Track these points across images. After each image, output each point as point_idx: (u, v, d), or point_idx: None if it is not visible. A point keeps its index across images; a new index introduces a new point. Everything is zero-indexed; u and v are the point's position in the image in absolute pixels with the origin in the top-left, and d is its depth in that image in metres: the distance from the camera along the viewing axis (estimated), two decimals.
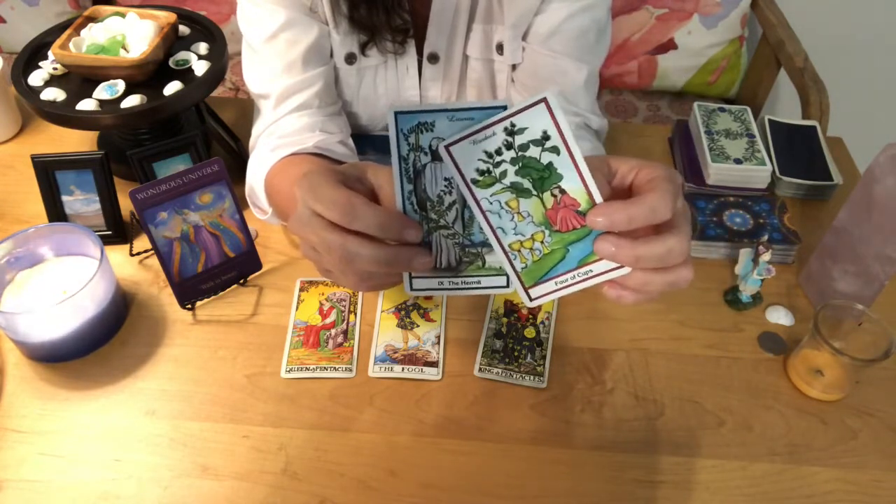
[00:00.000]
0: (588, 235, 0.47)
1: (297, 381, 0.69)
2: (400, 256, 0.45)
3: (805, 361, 0.71)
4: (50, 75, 0.83)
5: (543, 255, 0.48)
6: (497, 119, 0.44)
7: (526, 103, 0.43)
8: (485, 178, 0.47)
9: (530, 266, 0.49)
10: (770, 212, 0.85)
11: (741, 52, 1.59)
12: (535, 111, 0.43)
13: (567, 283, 0.49)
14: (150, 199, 0.69)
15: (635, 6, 1.54)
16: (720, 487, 0.63)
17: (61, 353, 0.69)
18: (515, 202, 0.47)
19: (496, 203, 0.47)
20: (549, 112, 0.43)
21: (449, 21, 0.80)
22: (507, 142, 0.45)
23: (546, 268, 0.49)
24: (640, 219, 0.43)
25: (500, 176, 0.46)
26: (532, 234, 0.48)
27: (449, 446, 0.65)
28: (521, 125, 0.44)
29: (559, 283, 0.49)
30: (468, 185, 0.47)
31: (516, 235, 0.48)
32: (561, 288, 0.49)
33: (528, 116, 0.44)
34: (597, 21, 0.78)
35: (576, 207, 0.46)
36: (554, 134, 0.44)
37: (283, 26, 0.75)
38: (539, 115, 0.44)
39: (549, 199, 0.47)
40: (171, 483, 0.62)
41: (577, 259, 0.48)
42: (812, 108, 1.34)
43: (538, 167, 0.45)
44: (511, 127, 0.44)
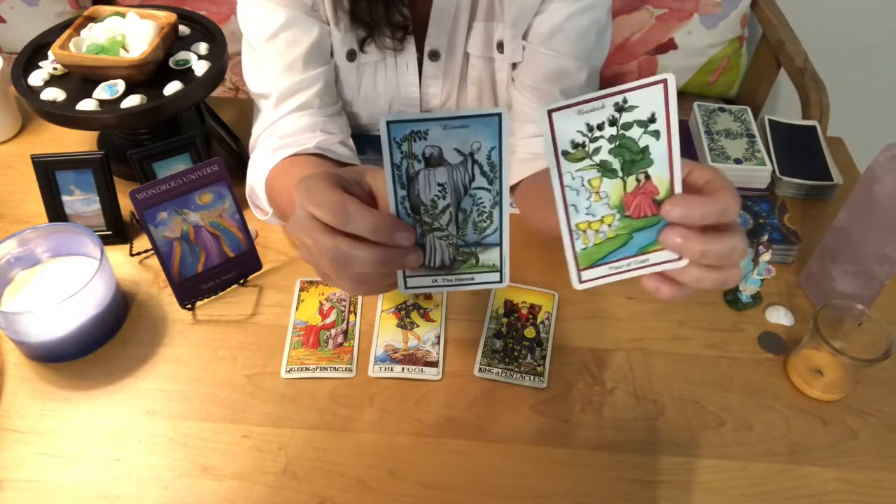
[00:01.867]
0: (655, 225, 0.47)
1: (297, 381, 0.69)
2: (392, 256, 0.46)
3: (805, 361, 0.71)
4: (50, 75, 0.83)
5: (607, 239, 0.48)
6: (611, 91, 0.43)
7: (645, 81, 0.42)
8: (577, 151, 0.45)
9: (590, 248, 0.48)
10: (770, 212, 0.85)
11: (741, 52, 1.59)
12: (652, 91, 0.43)
13: (621, 270, 0.49)
14: (150, 199, 0.69)
15: (635, 6, 1.54)
16: (720, 487, 0.63)
17: (61, 353, 0.69)
18: (598, 181, 0.46)
19: (578, 179, 0.46)
20: (665, 95, 0.43)
21: (450, 18, 0.80)
22: (612, 117, 0.44)
23: (605, 251, 0.48)
24: (712, 216, 0.44)
25: (592, 152, 0.45)
26: (602, 215, 0.47)
27: (449, 446, 0.65)
28: (633, 102, 0.43)
29: (614, 268, 0.49)
30: (557, 156, 0.45)
31: (587, 215, 0.47)
32: (614, 273, 0.49)
33: (642, 94, 0.43)
34: (597, 21, 0.78)
35: (654, 195, 0.46)
36: (661, 118, 0.43)
37: (284, 26, 0.75)
38: (653, 96, 0.43)
39: (632, 182, 0.46)
40: (171, 483, 0.62)
41: (639, 246, 0.48)
42: (812, 108, 1.34)
43: (633, 149, 0.45)
44: (622, 103, 0.43)
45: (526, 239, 0.81)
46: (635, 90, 0.43)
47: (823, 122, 1.33)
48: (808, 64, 1.42)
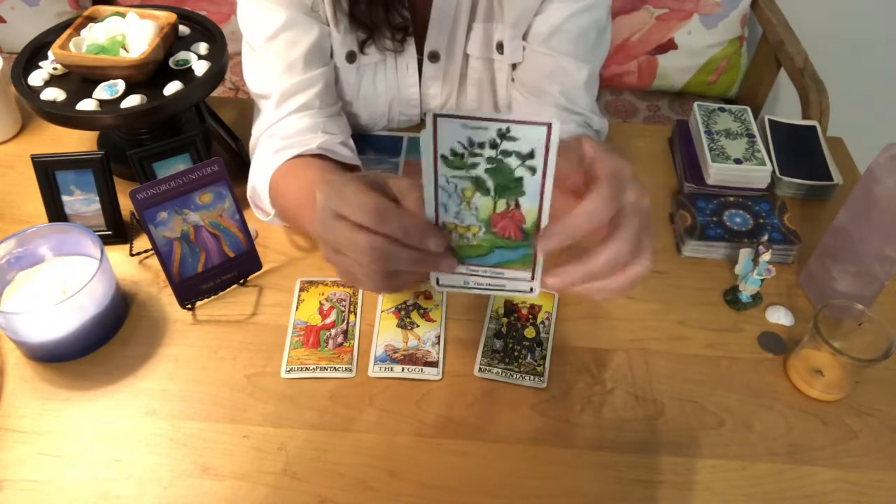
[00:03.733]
0: (516, 248, 0.49)
1: (297, 381, 0.69)
2: (429, 258, 0.47)
3: (805, 361, 0.71)
4: (50, 75, 0.83)
5: (469, 245, 0.50)
6: (497, 118, 0.45)
7: (532, 119, 0.44)
8: (455, 160, 0.47)
9: (453, 248, 0.51)
10: (770, 212, 0.85)
11: (741, 52, 1.59)
12: (535, 130, 0.44)
13: (476, 274, 0.51)
14: (150, 199, 0.69)
15: (635, 6, 1.54)
16: (720, 487, 0.63)
17: (61, 353, 0.69)
18: (471, 192, 0.48)
19: (452, 185, 0.48)
20: (547, 139, 0.44)
21: (450, 20, 0.80)
22: (493, 141, 0.45)
23: (465, 255, 0.50)
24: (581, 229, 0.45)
25: (469, 165, 0.47)
26: (469, 224, 0.49)
27: (449, 446, 0.65)
28: (515, 134, 0.45)
29: (471, 270, 0.51)
30: (435, 158, 0.47)
31: (455, 219, 0.49)
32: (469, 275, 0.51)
33: (526, 130, 0.44)
34: (597, 21, 0.78)
35: (520, 224, 0.48)
36: (539, 157, 0.45)
37: (284, 26, 0.75)
38: (536, 135, 0.44)
39: (501, 205, 0.48)
40: (171, 483, 0.62)
41: (496, 261, 0.50)
42: (812, 108, 1.34)
43: (509, 176, 0.46)
44: (505, 131, 0.45)
45: None
46: (520, 124, 0.44)
47: (823, 122, 1.33)
48: (808, 64, 1.42)
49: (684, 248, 0.83)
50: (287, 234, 0.83)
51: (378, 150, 0.94)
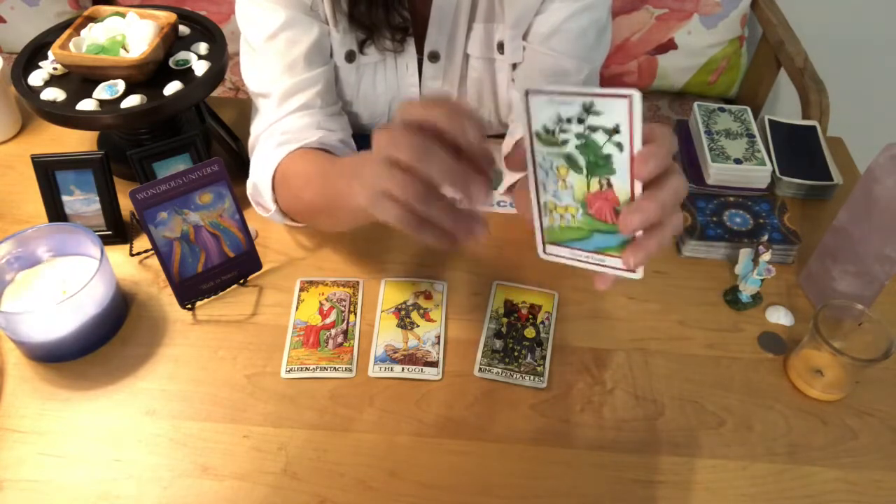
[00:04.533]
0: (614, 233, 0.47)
1: (297, 381, 0.69)
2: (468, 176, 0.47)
3: (805, 361, 0.71)
4: (50, 75, 0.83)
5: (570, 227, 0.49)
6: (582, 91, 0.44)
7: (613, 91, 0.43)
8: (548, 136, 0.47)
9: (555, 228, 0.50)
10: (770, 212, 0.85)
11: (741, 52, 1.59)
12: (617, 103, 0.43)
13: (580, 259, 0.50)
14: (150, 199, 0.69)
15: (635, 6, 1.54)
16: (720, 487, 0.63)
17: (61, 353, 0.69)
18: (565, 170, 0.47)
19: (549, 161, 0.48)
20: (630, 111, 0.43)
21: (450, 20, 0.80)
22: (580, 116, 0.45)
23: (568, 237, 0.50)
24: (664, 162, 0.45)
25: (561, 142, 0.46)
26: (567, 204, 0.48)
27: (449, 446, 0.65)
28: (599, 108, 0.44)
29: (574, 254, 0.50)
30: (531, 134, 0.47)
31: (554, 197, 0.49)
32: (574, 259, 0.51)
33: (608, 103, 0.43)
34: (597, 21, 0.78)
35: (615, 204, 0.46)
36: (625, 131, 0.43)
37: (284, 26, 0.75)
38: (618, 109, 0.43)
39: (595, 184, 0.47)
40: (171, 483, 0.62)
41: (597, 246, 0.49)
42: (812, 108, 1.34)
43: (598, 153, 0.45)
44: (590, 105, 0.44)
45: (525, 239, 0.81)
46: (602, 97, 0.44)
47: (823, 122, 1.33)
48: (808, 64, 1.42)
49: (684, 248, 0.83)
50: (288, 233, 0.83)
51: None
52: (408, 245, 0.82)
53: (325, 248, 0.82)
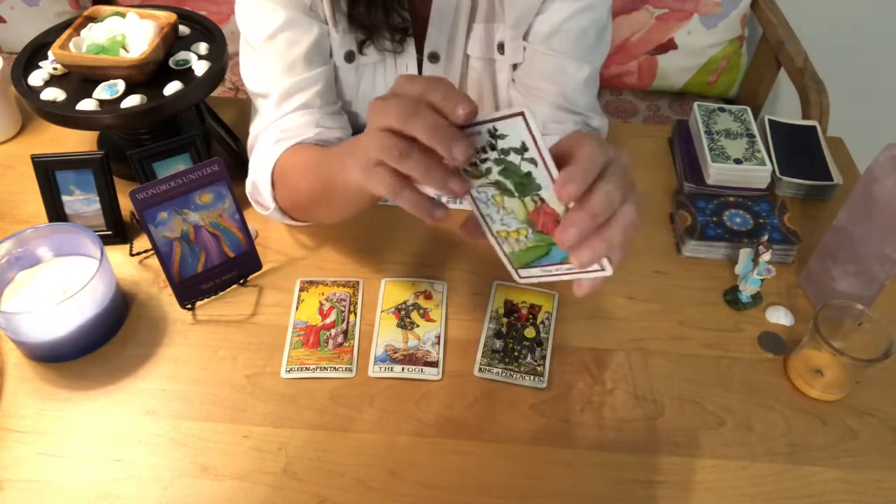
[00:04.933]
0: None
1: (297, 381, 0.69)
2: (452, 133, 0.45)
3: (805, 361, 0.71)
4: (50, 75, 0.83)
5: (528, 248, 0.50)
6: (482, 119, 0.44)
7: (504, 112, 0.43)
8: (473, 169, 0.48)
9: (517, 252, 0.51)
10: (770, 212, 0.85)
11: (741, 52, 1.59)
12: (513, 122, 0.43)
13: (553, 273, 0.51)
14: (150, 199, 0.69)
15: (635, 6, 1.54)
16: (720, 487, 0.63)
17: (61, 353, 0.69)
18: (500, 197, 0.48)
19: (484, 194, 0.48)
20: (526, 126, 0.43)
21: (450, 20, 0.80)
22: (490, 143, 0.45)
23: (532, 257, 0.50)
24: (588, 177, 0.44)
25: (485, 171, 0.47)
26: (517, 228, 0.49)
27: (449, 446, 0.65)
28: (502, 131, 0.44)
29: (546, 271, 0.51)
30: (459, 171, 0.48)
31: (503, 225, 0.49)
32: (547, 275, 0.51)
33: (507, 125, 0.44)
34: (597, 21, 0.78)
35: (555, 217, 0.47)
36: (531, 147, 0.44)
37: (283, 26, 0.74)
38: (516, 127, 0.43)
39: (529, 203, 0.47)
40: (171, 483, 0.62)
41: (561, 257, 0.49)
42: (812, 108, 1.34)
43: (518, 173, 0.46)
44: (493, 130, 0.44)
45: None
46: (499, 120, 0.44)
47: (823, 122, 1.33)
48: (808, 64, 1.42)
49: (684, 248, 0.83)
50: (288, 233, 0.83)
51: None
52: (408, 245, 0.82)
53: (325, 248, 0.82)
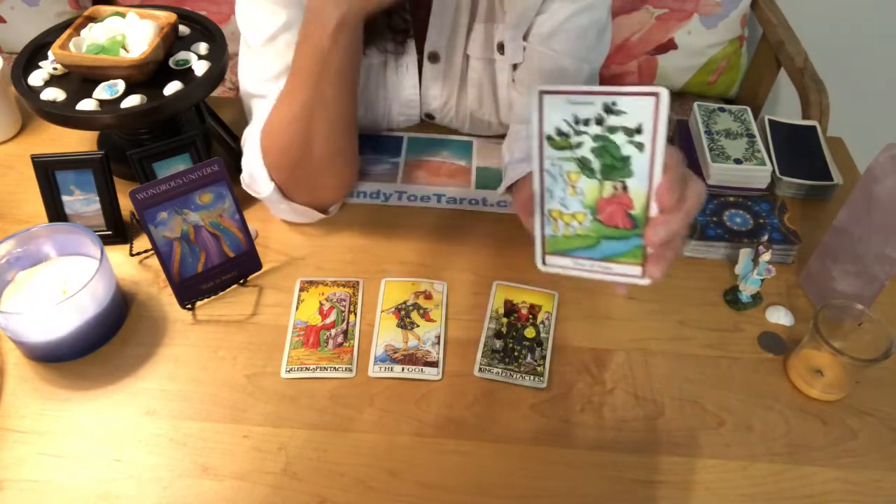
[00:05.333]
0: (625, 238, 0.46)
1: (297, 381, 0.69)
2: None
3: (805, 361, 0.71)
4: (50, 75, 0.83)
5: (576, 235, 0.48)
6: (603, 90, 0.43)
7: (638, 89, 0.42)
8: (560, 139, 0.45)
9: (558, 237, 0.48)
10: (770, 212, 0.85)
11: (741, 52, 1.59)
12: (642, 101, 0.42)
13: (584, 268, 0.49)
14: (150, 199, 0.69)
15: (635, 6, 1.54)
16: (720, 487, 0.63)
17: (61, 353, 0.69)
18: (576, 175, 0.46)
19: (557, 167, 0.46)
20: (656, 108, 0.41)
21: (449, 20, 0.80)
22: (599, 116, 0.43)
23: (572, 246, 0.48)
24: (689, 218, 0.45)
25: (574, 145, 0.45)
26: (575, 211, 0.47)
27: (449, 446, 0.65)
28: (622, 108, 0.43)
29: (577, 263, 0.49)
30: (541, 138, 0.46)
31: (560, 205, 0.47)
32: (576, 269, 0.49)
33: (632, 102, 0.42)
34: (597, 20, 0.78)
35: (628, 209, 0.45)
36: (648, 131, 0.42)
37: (284, 27, 0.74)
38: (643, 106, 0.42)
39: (608, 188, 0.45)
40: (171, 483, 0.62)
41: (605, 253, 0.47)
42: (812, 108, 1.34)
43: (615, 155, 0.44)
44: (611, 105, 0.43)
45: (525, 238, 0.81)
46: (626, 96, 0.42)
47: (823, 122, 1.33)
48: (808, 64, 1.42)
49: (684, 247, 0.83)
50: (288, 232, 0.83)
51: (378, 150, 0.94)
52: (408, 245, 0.82)
53: (325, 248, 0.82)
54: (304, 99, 0.70)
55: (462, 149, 0.95)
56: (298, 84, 0.70)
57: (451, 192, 0.89)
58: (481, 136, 0.96)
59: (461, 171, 0.92)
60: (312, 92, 0.70)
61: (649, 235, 0.45)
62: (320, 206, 0.81)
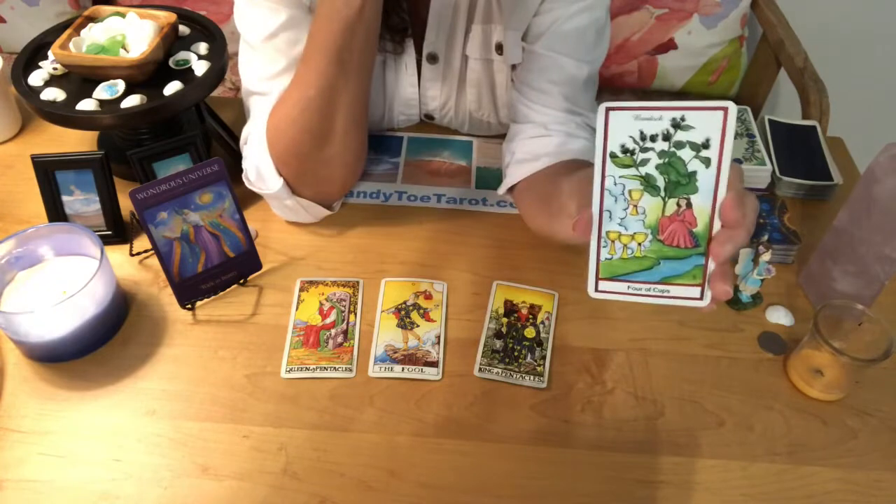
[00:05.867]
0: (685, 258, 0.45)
1: (297, 381, 0.69)
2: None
3: (805, 361, 0.71)
4: (50, 75, 0.83)
5: (633, 257, 0.47)
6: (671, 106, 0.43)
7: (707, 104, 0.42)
8: (625, 157, 0.45)
9: (615, 260, 0.47)
10: (770, 212, 0.85)
11: (741, 52, 1.59)
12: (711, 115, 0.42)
13: (639, 293, 0.47)
14: (150, 199, 0.69)
15: (635, 6, 1.54)
16: (720, 487, 0.63)
17: (61, 353, 0.69)
18: (639, 194, 0.45)
19: (620, 186, 0.45)
20: (724, 123, 0.42)
21: (448, 21, 0.80)
22: (667, 132, 0.43)
23: (629, 269, 0.47)
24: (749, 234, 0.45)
25: (639, 162, 0.44)
26: (635, 232, 0.46)
27: (449, 446, 0.65)
28: (691, 122, 0.42)
29: (632, 288, 0.47)
30: (605, 156, 0.45)
31: (620, 226, 0.46)
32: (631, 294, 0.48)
33: (701, 117, 0.42)
34: (596, 20, 0.78)
35: (691, 227, 0.45)
36: (715, 145, 0.42)
37: (284, 25, 0.74)
38: (711, 121, 0.42)
39: (671, 206, 0.45)
40: (171, 483, 0.62)
41: (663, 275, 0.46)
42: (812, 108, 1.34)
43: (681, 170, 0.44)
44: (680, 120, 0.43)
45: (525, 239, 0.81)
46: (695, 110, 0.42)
47: (823, 122, 1.33)
48: (808, 64, 1.42)
49: None
50: (288, 232, 0.83)
51: (378, 150, 0.94)
52: (408, 245, 0.82)
53: (325, 248, 0.82)
54: (326, 77, 0.69)
55: (462, 149, 0.95)
56: (321, 60, 0.68)
57: (451, 192, 0.89)
58: (481, 136, 0.96)
59: (461, 171, 0.92)
60: (336, 67, 0.68)
61: (716, 251, 0.45)
62: (326, 199, 0.81)
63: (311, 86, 0.70)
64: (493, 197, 0.88)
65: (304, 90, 0.71)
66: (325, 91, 0.69)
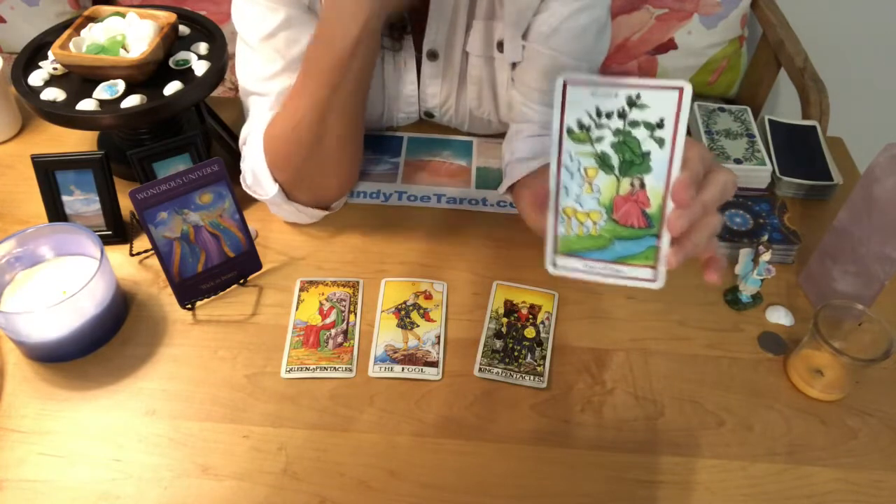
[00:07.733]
0: (638, 238, 0.45)
1: (297, 381, 0.69)
2: None
3: (805, 361, 0.71)
4: (50, 75, 0.83)
5: (588, 235, 0.47)
6: (628, 82, 0.42)
7: (663, 82, 0.41)
8: (581, 132, 0.44)
9: (571, 237, 0.47)
10: (770, 212, 0.85)
11: (741, 52, 1.59)
12: (665, 94, 0.41)
13: (594, 271, 0.48)
14: (150, 199, 0.69)
15: (635, 6, 1.54)
16: (720, 487, 0.63)
17: (61, 353, 0.69)
18: (594, 171, 0.45)
19: (576, 162, 0.45)
20: (679, 102, 0.41)
21: (448, 17, 0.80)
22: (622, 109, 0.43)
23: (584, 246, 0.47)
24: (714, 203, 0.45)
25: (595, 139, 0.44)
26: (590, 210, 0.46)
27: (449, 446, 0.65)
28: (645, 101, 0.42)
29: (587, 266, 0.47)
30: (562, 130, 0.45)
31: (575, 203, 0.46)
32: (587, 272, 0.48)
33: (656, 96, 0.42)
34: (596, 20, 0.78)
35: (644, 207, 0.44)
36: (669, 125, 0.42)
37: (283, 24, 0.74)
38: (666, 100, 0.41)
39: (625, 186, 0.45)
40: (171, 483, 0.62)
41: (617, 255, 0.47)
42: (812, 108, 1.34)
43: (635, 150, 0.43)
44: (635, 98, 0.42)
45: (525, 238, 0.81)
46: (650, 89, 0.42)
47: (823, 122, 1.33)
48: (808, 64, 1.42)
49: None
50: (288, 232, 0.83)
51: (378, 150, 0.94)
52: (408, 245, 0.82)
53: (325, 248, 0.82)
54: (318, 99, 0.70)
55: (462, 149, 0.95)
56: (313, 84, 0.69)
57: (451, 192, 0.89)
58: (481, 136, 0.96)
59: (461, 171, 0.92)
60: (328, 91, 0.69)
61: (671, 223, 0.44)
62: (323, 204, 0.81)
63: (306, 103, 0.71)
64: (493, 197, 0.88)
65: (299, 105, 0.71)
66: (317, 111, 0.70)
